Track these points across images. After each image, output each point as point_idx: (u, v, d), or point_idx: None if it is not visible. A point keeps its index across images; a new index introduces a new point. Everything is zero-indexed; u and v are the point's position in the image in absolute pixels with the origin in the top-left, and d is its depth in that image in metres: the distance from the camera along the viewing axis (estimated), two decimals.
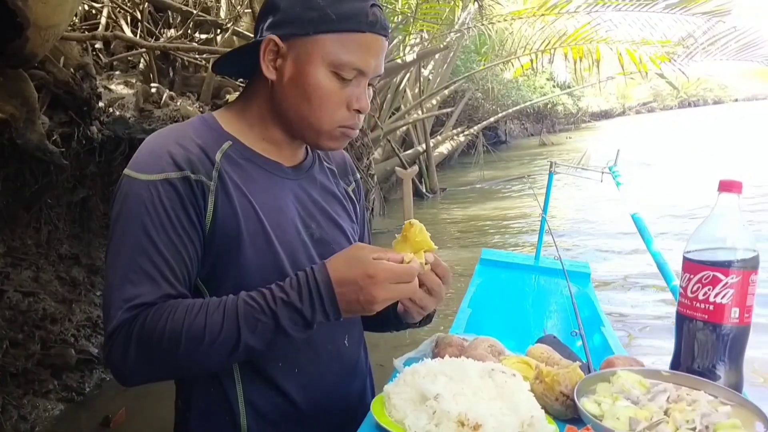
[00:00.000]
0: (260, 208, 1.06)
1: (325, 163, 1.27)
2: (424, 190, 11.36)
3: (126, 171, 1.02)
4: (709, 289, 1.03)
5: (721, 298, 1.02)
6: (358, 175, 1.37)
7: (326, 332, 1.12)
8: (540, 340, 1.39)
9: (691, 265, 1.06)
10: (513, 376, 0.99)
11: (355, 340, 1.23)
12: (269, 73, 1.06)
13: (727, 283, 1.02)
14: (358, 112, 1.09)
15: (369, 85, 1.11)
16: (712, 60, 8.99)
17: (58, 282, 3.83)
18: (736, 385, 1.03)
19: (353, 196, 1.32)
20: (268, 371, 1.08)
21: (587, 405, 0.96)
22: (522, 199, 10.51)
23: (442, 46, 9.37)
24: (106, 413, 3.27)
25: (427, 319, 1.21)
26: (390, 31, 1.11)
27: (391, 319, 1.21)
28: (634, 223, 2.12)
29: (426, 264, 1.05)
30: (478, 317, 1.83)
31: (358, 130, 1.13)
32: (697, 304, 1.04)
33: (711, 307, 1.03)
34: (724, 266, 1.02)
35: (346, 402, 1.19)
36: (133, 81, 4.10)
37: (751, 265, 1.02)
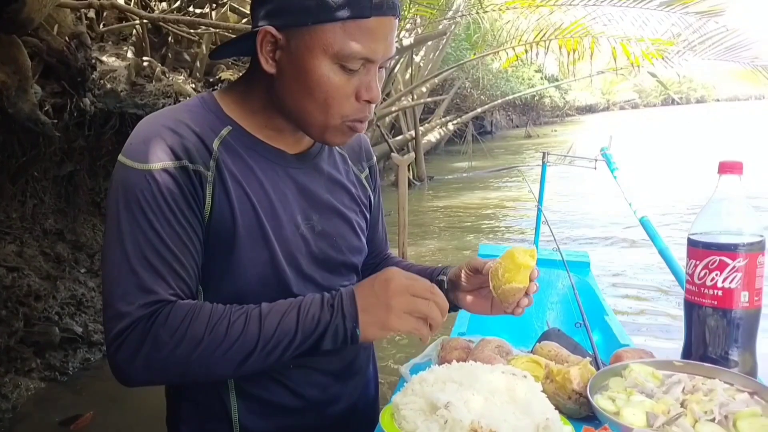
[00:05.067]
0: (257, 200, 1.01)
1: (335, 149, 1.20)
2: (411, 178, 11.35)
3: (120, 158, 0.97)
4: (716, 275, 1.01)
5: (730, 283, 1.01)
6: (375, 161, 1.30)
7: None
8: (544, 335, 1.37)
9: (696, 251, 1.04)
10: (524, 377, 0.97)
11: None
12: (268, 66, 0.98)
13: (734, 266, 1.00)
14: (369, 102, 1.00)
15: (380, 67, 1.02)
16: (699, 59, 9.04)
17: (43, 258, 3.77)
18: (751, 371, 1.02)
19: (366, 183, 1.25)
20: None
21: (601, 402, 0.94)
22: (510, 189, 10.55)
23: (439, 29, 9.30)
24: (90, 395, 3.21)
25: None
26: (399, 7, 1.00)
27: None
28: (643, 227, 2.11)
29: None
30: (480, 316, 1.80)
31: (366, 123, 1.06)
32: (705, 291, 1.03)
33: (720, 293, 1.01)
34: (731, 250, 1.00)
35: (344, 397, 1.16)
36: (125, 54, 4.01)
37: (758, 247, 1.01)
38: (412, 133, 11.89)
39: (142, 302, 0.91)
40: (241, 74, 1.12)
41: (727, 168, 1.05)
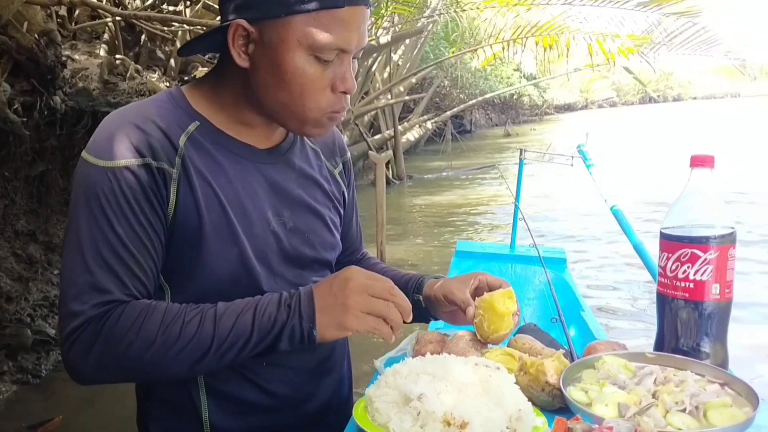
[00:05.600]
0: (226, 197, 1.00)
1: (307, 143, 1.18)
2: (391, 177, 11.35)
3: (84, 154, 0.96)
4: (688, 267, 1.01)
5: (701, 275, 1.01)
6: (348, 156, 1.29)
7: None
8: (521, 330, 1.37)
9: (668, 244, 1.05)
10: (497, 369, 0.97)
11: None
12: (241, 61, 0.97)
13: (706, 259, 1.00)
14: (344, 93, 1.00)
15: (353, 58, 1.02)
16: (675, 54, 9.19)
17: (14, 259, 3.70)
18: (723, 363, 1.03)
19: (340, 179, 1.24)
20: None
21: (574, 393, 0.95)
22: (490, 187, 10.61)
23: (416, 28, 9.32)
24: (62, 398, 3.16)
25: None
26: None
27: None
28: (615, 217, 2.13)
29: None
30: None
31: (345, 113, 1.06)
32: (677, 283, 1.03)
33: (691, 285, 1.01)
34: (702, 242, 1.00)
35: (319, 395, 1.15)
36: (98, 52, 3.96)
37: (729, 240, 1.01)
38: (391, 132, 11.90)
39: (96, 302, 0.90)
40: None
41: (698, 161, 1.05)
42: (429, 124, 15.34)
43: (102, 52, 4.01)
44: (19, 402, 3.19)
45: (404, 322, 0.96)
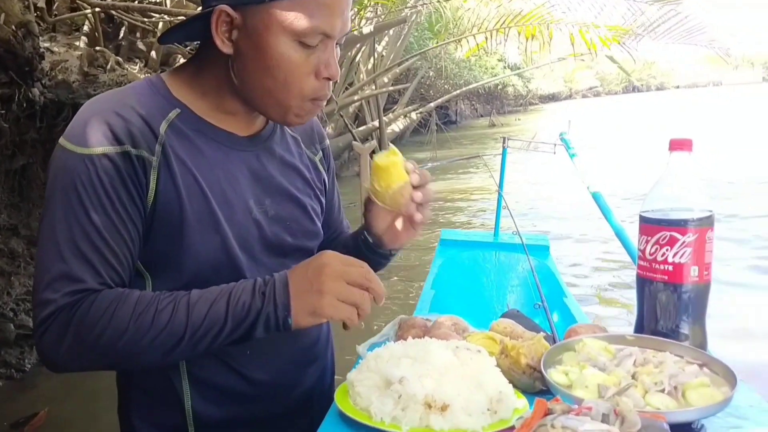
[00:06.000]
0: (207, 185, 0.99)
1: (287, 131, 1.18)
2: None
3: (61, 141, 0.94)
4: (667, 250, 1.03)
5: (680, 258, 1.02)
6: (327, 142, 1.28)
7: None
8: (504, 315, 1.38)
9: (647, 227, 1.06)
10: (478, 352, 0.98)
11: None
12: (225, 47, 0.96)
13: (684, 242, 1.01)
14: (328, 79, 1.00)
15: (336, 44, 1.01)
16: (658, 43, 9.24)
17: None
18: (701, 344, 1.04)
19: (321, 166, 1.24)
20: (215, 351, 1.00)
21: (555, 375, 0.95)
22: (474, 177, 10.63)
23: (399, 17, 9.29)
24: (45, 391, 3.14)
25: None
26: None
27: (363, 248, 1.18)
28: (594, 200, 2.14)
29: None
30: (441, 298, 1.82)
31: (326, 100, 1.05)
32: (657, 266, 1.04)
33: (670, 268, 1.03)
34: (681, 225, 1.02)
35: (302, 384, 1.15)
36: (77, 44, 3.91)
37: (707, 222, 1.02)
38: (376, 123, 11.87)
39: (68, 290, 0.89)
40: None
41: (677, 145, 1.06)
42: (414, 115, 15.33)
43: (82, 44, 3.96)
44: (3, 396, 3.16)
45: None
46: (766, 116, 19.38)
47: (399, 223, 1.16)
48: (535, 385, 1.00)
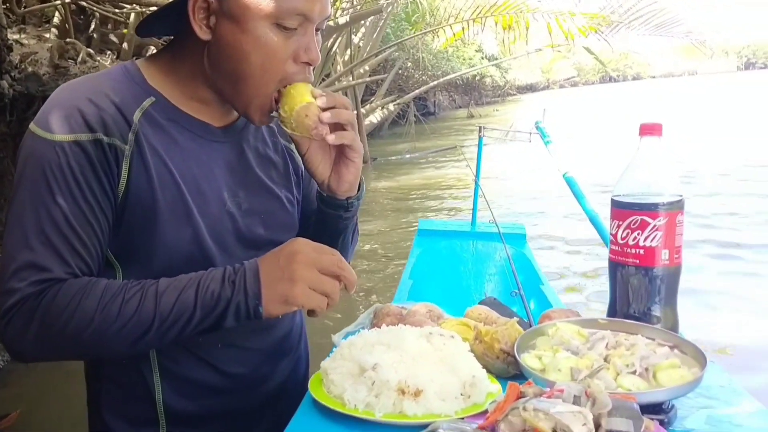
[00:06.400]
0: (180, 175, 0.97)
1: None
2: None
3: (31, 126, 0.92)
4: (638, 234, 1.04)
5: (651, 241, 1.03)
6: None
7: None
8: (481, 303, 1.39)
9: (619, 212, 1.06)
10: (451, 338, 0.98)
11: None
12: (203, 33, 0.94)
13: (655, 225, 1.02)
14: (308, 64, 0.98)
15: (316, 30, 0.99)
16: (634, 35, 9.32)
17: None
18: (673, 326, 1.06)
19: (296, 155, 1.20)
20: (186, 344, 1.01)
21: (528, 360, 0.96)
22: (453, 167, 10.67)
23: (375, 7, 9.25)
24: (21, 388, 3.09)
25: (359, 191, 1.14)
26: None
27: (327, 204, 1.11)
28: (567, 183, 2.16)
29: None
30: (419, 287, 1.82)
31: None
32: (628, 250, 1.05)
33: (642, 252, 1.04)
34: (651, 209, 1.03)
35: (275, 376, 1.14)
36: (48, 36, 3.84)
37: (677, 206, 1.03)
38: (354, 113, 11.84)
39: (34, 279, 0.88)
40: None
41: (647, 130, 1.07)
42: (392, 107, 15.31)
43: (52, 36, 3.89)
44: None
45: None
46: (740, 104, 19.71)
47: (318, 153, 1.05)
48: (509, 370, 1.01)
